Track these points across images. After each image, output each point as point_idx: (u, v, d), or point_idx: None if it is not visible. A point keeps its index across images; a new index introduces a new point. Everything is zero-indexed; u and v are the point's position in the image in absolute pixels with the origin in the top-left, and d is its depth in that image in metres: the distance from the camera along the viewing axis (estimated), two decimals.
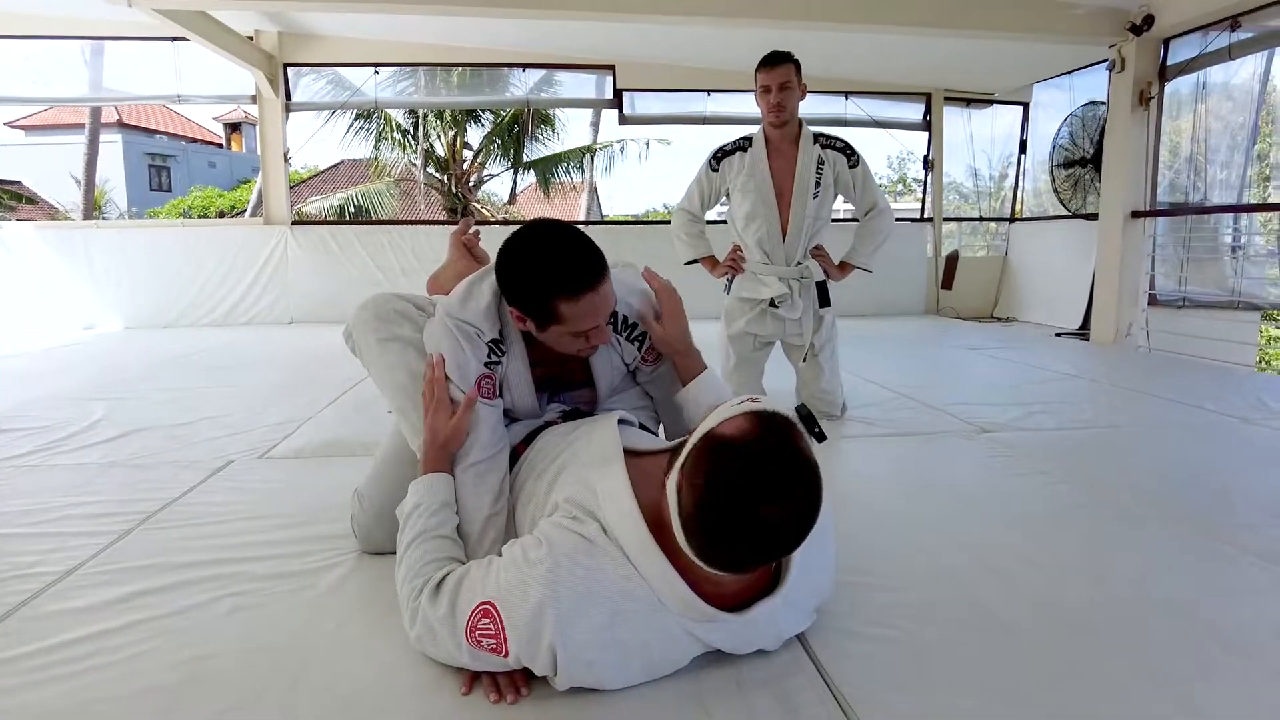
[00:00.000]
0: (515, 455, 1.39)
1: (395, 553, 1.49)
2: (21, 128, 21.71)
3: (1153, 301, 4.93)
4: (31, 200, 17.00)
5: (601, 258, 1.27)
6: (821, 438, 0.96)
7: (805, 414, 0.97)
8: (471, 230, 1.86)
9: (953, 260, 6.69)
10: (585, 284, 1.24)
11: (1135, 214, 4.84)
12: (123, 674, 1.12)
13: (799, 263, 2.72)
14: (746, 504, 0.88)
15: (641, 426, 1.46)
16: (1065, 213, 6.01)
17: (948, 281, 6.66)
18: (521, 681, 1.06)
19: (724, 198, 2.84)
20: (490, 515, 1.28)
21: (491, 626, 1.00)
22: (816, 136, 2.68)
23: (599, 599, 0.98)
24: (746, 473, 0.89)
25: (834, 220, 2.87)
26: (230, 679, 1.11)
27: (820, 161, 2.66)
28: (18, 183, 17.51)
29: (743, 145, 2.72)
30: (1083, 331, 5.38)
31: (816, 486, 0.92)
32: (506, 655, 1.00)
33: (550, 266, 1.24)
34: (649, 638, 1.02)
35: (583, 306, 1.25)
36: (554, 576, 0.98)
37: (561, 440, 1.32)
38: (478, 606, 1.02)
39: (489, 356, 1.35)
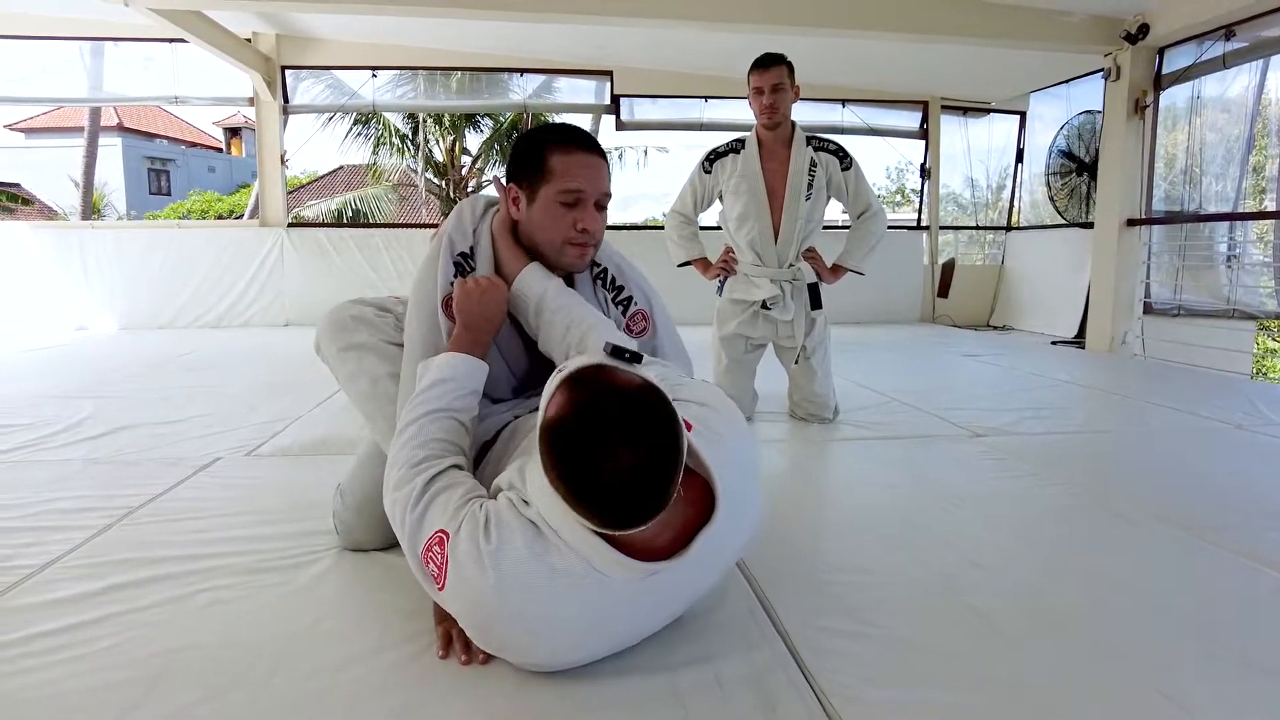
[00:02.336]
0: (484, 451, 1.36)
1: (376, 550, 1.51)
2: (21, 130, 21.74)
3: (1148, 310, 4.93)
4: (30, 202, 17.01)
5: (603, 149, 1.35)
6: (636, 359, 0.98)
7: (611, 349, 0.98)
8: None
9: (949, 268, 6.70)
10: (580, 141, 1.29)
11: (1131, 222, 4.85)
12: (96, 666, 1.10)
13: (791, 265, 2.72)
14: (606, 466, 0.88)
15: None
16: (1061, 221, 6.02)
17: (944, 289, 6.66)
18: None
19: (717, 199, 2.84)
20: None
21: (439, 556, 1.01)
22: (809, 139, 2.69)
23: (541, 576, 0.98)
24: (582, 440, 0.89)
25: (826, 228, 2.87)
26: (204, 671, 1.09)
27: (813, 164, 2.66)
28: (17, 185, 17.51)
29: (736, 147, 2.72)
30: (1078, 340, 5.37)
31: (650, 409, 0.90)
32: (442, 589, 1.01)
33: (551, 129, 1.32)
34: (597, 611, 1.01)
35: (574, 161, 1.28)
36: (499, 555, 0.97)
37: (524, 429, 1.31)
38: (437, 532, 1.03)
39: (455, 275, 1.35)
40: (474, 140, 13.80)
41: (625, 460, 0.88)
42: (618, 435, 0.88)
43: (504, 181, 1.38)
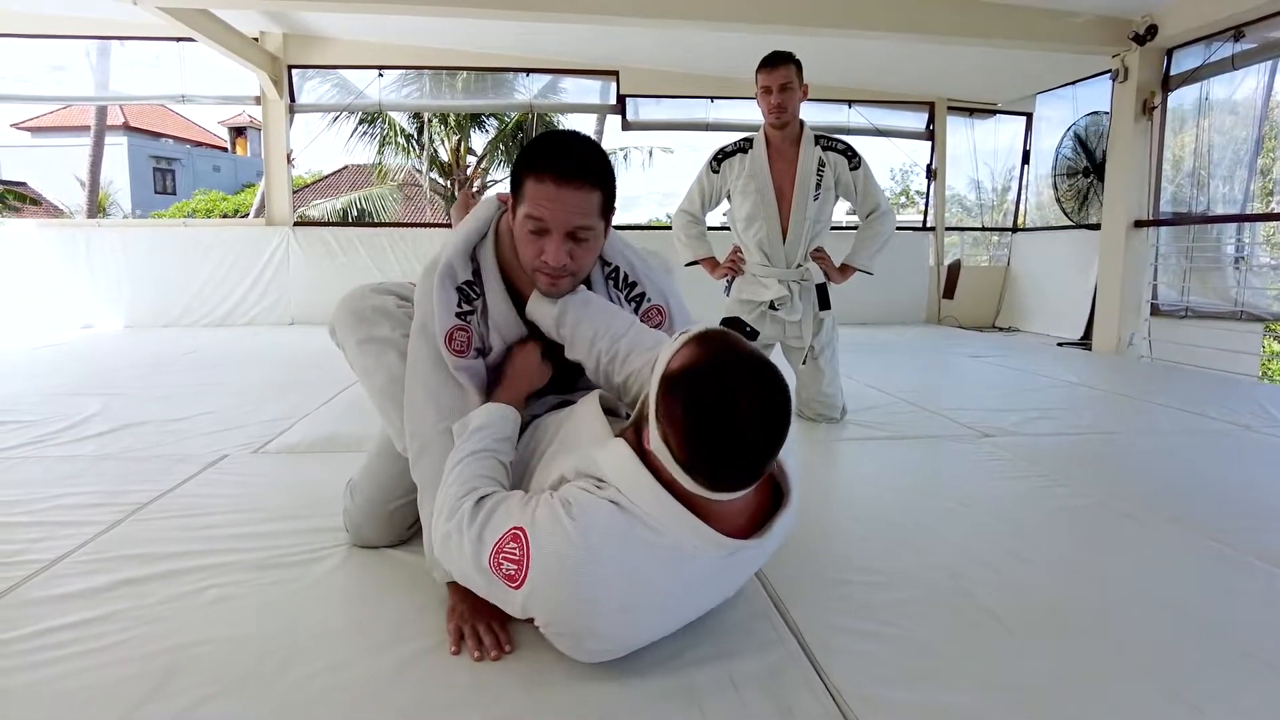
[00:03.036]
0: None
1: (386, 548, 1.50)
2: (28, 129, 21.83)
3: (1155, 311, 4.92)
4: (36, 201, 17.07)
5: (594, 168, 1.21)
6: (754, 335, 1.02)
7: (731, 320, 1.03)
8: (475, 191, 1.84)
9: (955, 269, 6.69)
10: (556, 168, 1.19)
11: (1138, 223, 4.83)
12: (106, 661, 1.10)
13: (799, 265, 2.71)
14: (727, 413, 0.90)
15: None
16: (1068, 223, 6.00)
17: (949, 291, 6.65)
18: (505, 639, 1.10)
19: (725, 199, 2.83)
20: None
21: (517, 552, 1.00)
22: (818, 138, 2.68)
23: (632, 545, 0.99)
24: (712, 387, 0.91)
25: (834, 229, 2.86)
26: (214, 667, 1.09)
27: (821, 163, 2.65)
28: (23, 184, 17.58)
29: (743, 147, 2.72)
30: (1084, 341, 5.36)
31: (772, 369, 0.94)
32: (520, 586, 1.00)
33: (543, 142, 1.23)
34: (685, 583, 1.03)
35: (542, 191, 1.19)
36: (588, 529, 0.97)
37: (552, 429, 1.30)
38: (509, 530, 1.02)
39: (459, 306, 1.29)
40: (479, 140, 13.83)
41: (750, 411, 0.90)
42: (750, 384, 0.91)
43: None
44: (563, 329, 1.31)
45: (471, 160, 13.85)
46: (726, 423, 0.90)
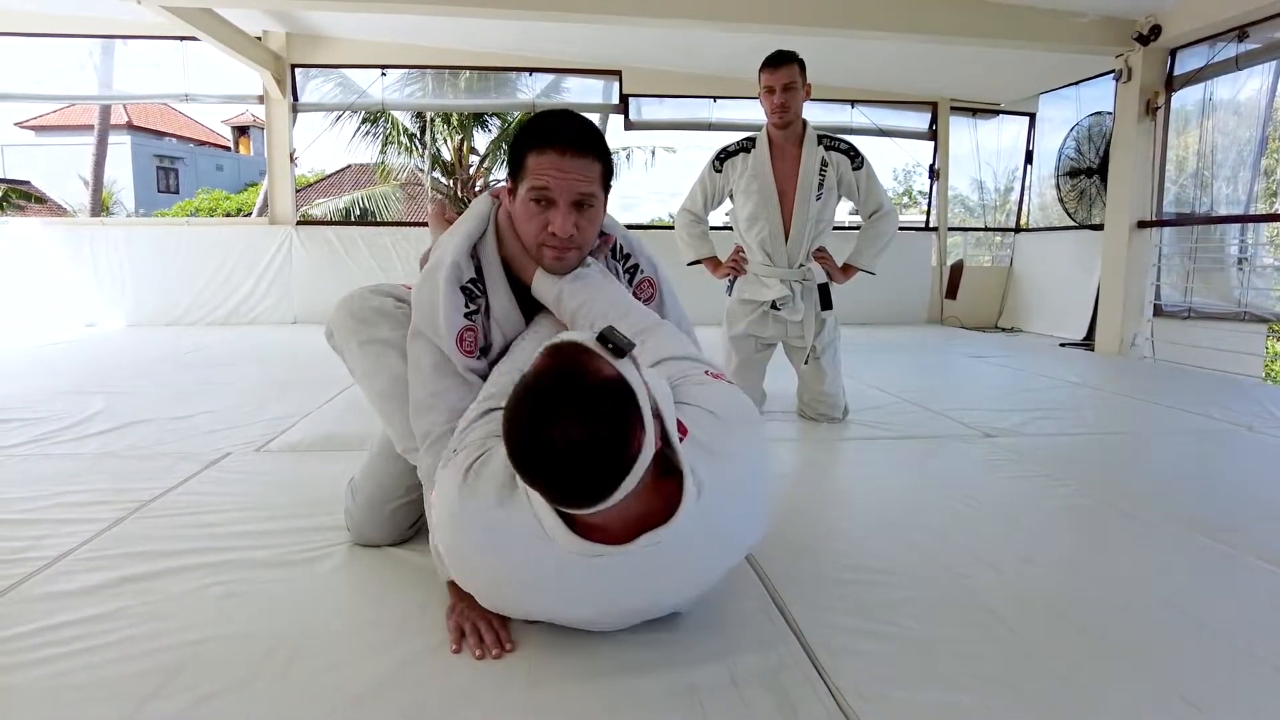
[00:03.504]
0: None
1: (387, 546, 1.51)
2: (31, 128, 21.87)
3: (1158, 312, 4.90)
4: (41, 200, 17.11)
5: (594, 139, 1.26)
6: (619, 353, 0.94)
7: (602, 334, 0.96)
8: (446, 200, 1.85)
9: (957, 270, 6.68)
10: (556, 139, 1.23)
11: (1141, 224, 4.82)
12: (108, 658, 1.10)
13: (801, 265, 2.71)
14: (541, 441, 0.88)
15: None
16: (1071, 223, 5.99)
17: (952, 291, 6.64)
18: (505, 637, 1.11)
19: (727, 199, 2.83)
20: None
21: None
22: (821, 138, 2.68)
23: (495, 520, 1.02)
24: (531, 412, 0.90)
25: (836, 228, 2.86)
26: (219, 664, 1.09)
27: (824, 163, 2.65)
28: (27, 182, 17.61)
29: (746, 146, 2.72)
30: (1087, 342, 5.35)
31: (605, 401, 0.90)
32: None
33: (538, 119, 1.27)
34: (540, 569, 1.02)
35: (545, 160, 1.23)
36: (468, 498, 1.04)
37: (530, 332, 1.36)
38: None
39: (466, 306, 1.30)
40: (482, 140, 13.83)
41: (559, 441, 0.88)
42: (561, 415, 0.89)
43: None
44: (562, 304, 1.32)
45: (474, 160, 13.86)
46: (535, 449, 0.89)
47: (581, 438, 0.88)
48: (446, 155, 13.73)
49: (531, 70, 6.28)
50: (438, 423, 1.27)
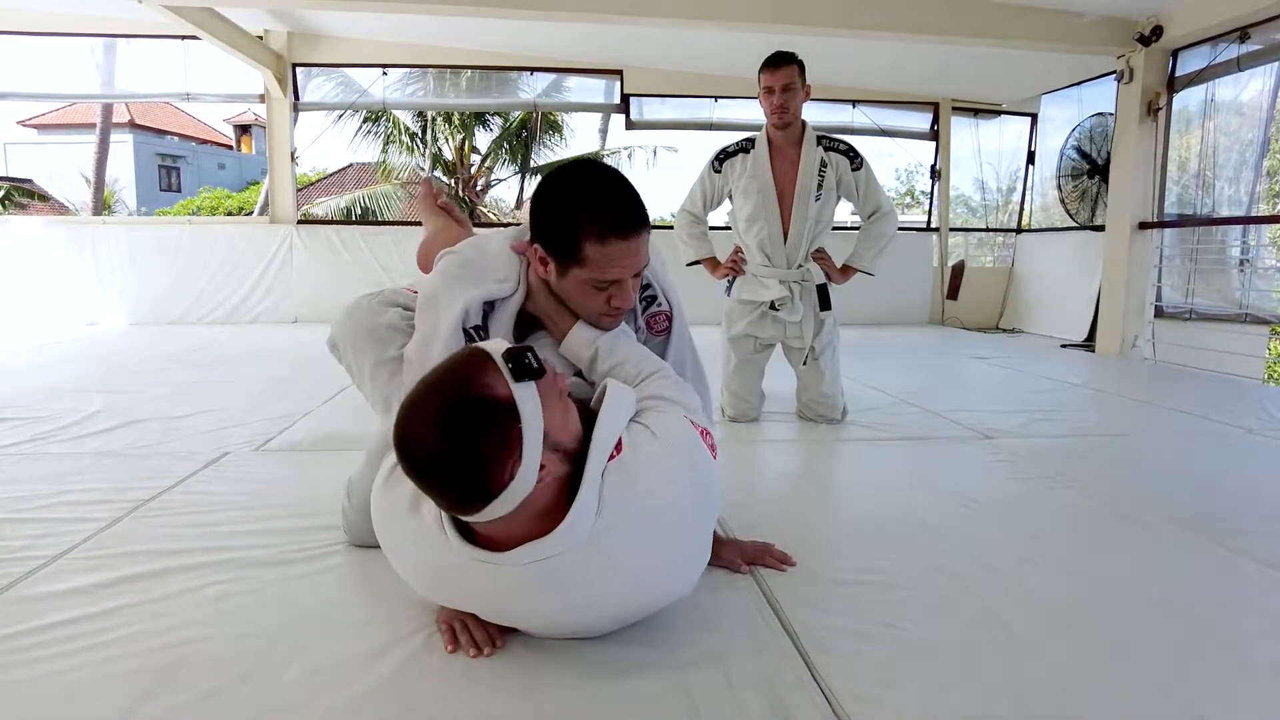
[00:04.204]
0: None
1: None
2: (34, 126, 21.89)
3: (1159, 313, 4.90)
4: (43, 198, 17.14)
5: (644, 210, 1.22)
6: (521, 375, 0.94)
7: (512, 351, 0.96)
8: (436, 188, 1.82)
9: (958, 270, 6.67)
10: (618, 226, 1.17)
11: (1143, 225, 4.82)
12: (107, 656, 1.10)
13: (800, 265, 2.71)
14: (404, 428, 0.92)
15: None
16: (1072, 224, 5.99)
17: (953, 292, 6.64)
18: (496, 634, 1.12)
19: (727, 199, 2.83)
20: None
21: None
22: (820, 139, 2.68)
23: (400, 514, 1.07)
24: (407, 414, 0.93)
25: (836, 229, 2.86)
26: (215, 663, 1.09)
27: (823, 164, 2.65)
28: (29, 181, 17.63)
29: (745, 147, 2.71)
30: (1088, 343, 5.34)
31: (473, 416, 0.90)
32: None
33: (586, 198, 1.17)
34: (433, 564, 1.06)
35: (610, 252, 1.17)
36: (384, 489, 1.11)
37: None
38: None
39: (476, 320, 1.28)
40: (483, 139, 13.83)
41: (417, 446, 0.91)
42: (425, 420, 0.91)
43: (527, 214, 1.31)
44: (597, 365, 1.31)
45: (475, 159, 13.86)
46: (404, 451, 0.92)
47: (435, 449, 0.90)
48: (448, 154, 13.73)
49: (533, 70, 6.28)
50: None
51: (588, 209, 1.17)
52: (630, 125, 6.43)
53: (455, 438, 0.89)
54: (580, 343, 1.31)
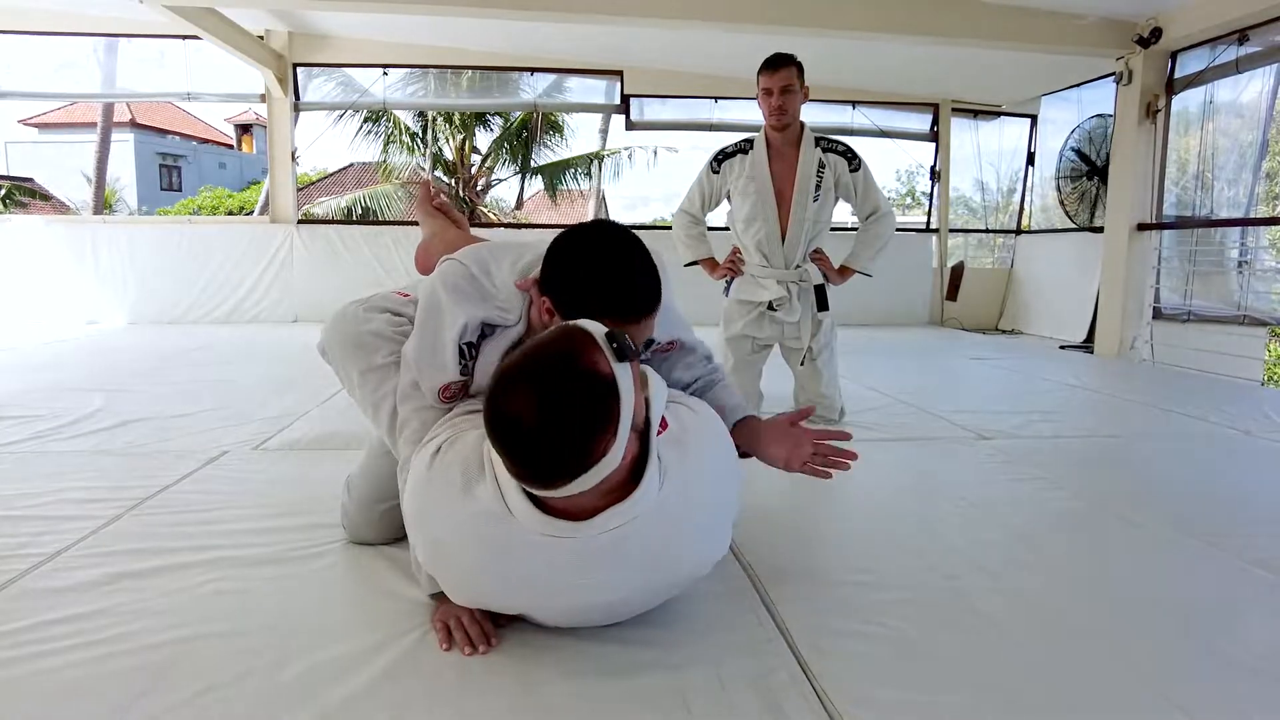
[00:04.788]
0: None
1: (382, 545, 1.52)
2: (35, 125, 21.91)
3: (1158, 315, 4.90)
4: (44, 197, 17.15)
5: (658, 288, 1.22)
6: (622, 356, 0.96)
7: (612, 333, 0.98)
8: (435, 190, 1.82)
9: (958, 271, 6.68)
10: (628, 311, 1.18)
11: (1141, 226, 4.82)
12: (104, 654, 1.11)
13: (798, 266, 2.72)
14: (513, 414, 0.91)
15: None
16: (1071, 225, 5.99)
17: (952, 293, 6.64)
18: (491, 631, 1.13)
19: (725, 200, 2.84)
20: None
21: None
22: (818, 140, 2.68)
23: (454, 498, 1.05)
24: (511, 385, 0.94)
25: (834, 229, 2.87)
26: (211, 661, 1.10)
27: (821, 165, 2.66)
28: (30, 180, 17.65)
29: (744, 147, 2.72)
30: (1087, 345, 5.35)
31: (583, 388, 0.92)
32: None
33: (600, 279, 1.18)
34: (496, 549, 1.04)
35: (625, 330, 1.17)
36: (435, 475, 1.08)
37: None
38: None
39: (460, 359, 1.27)
40: (484, 139, 13.81)
41: (524, 415, 0.90)
42: (535, 391, 0.91)
43: (533, 257, 1.30)
44: None
45: (476, 159, 13.86)
46: (506, 421, 0.92)
47: (545, 420, 0.90)
48: (449, 154, 13.73)
49: (533, 70, 6.29)
50: (418, 409, 1.30)
51: (599, 291, 1.18)
52: (630, 126, 6.44)
53: (562, 409, 0.90)
54: None
